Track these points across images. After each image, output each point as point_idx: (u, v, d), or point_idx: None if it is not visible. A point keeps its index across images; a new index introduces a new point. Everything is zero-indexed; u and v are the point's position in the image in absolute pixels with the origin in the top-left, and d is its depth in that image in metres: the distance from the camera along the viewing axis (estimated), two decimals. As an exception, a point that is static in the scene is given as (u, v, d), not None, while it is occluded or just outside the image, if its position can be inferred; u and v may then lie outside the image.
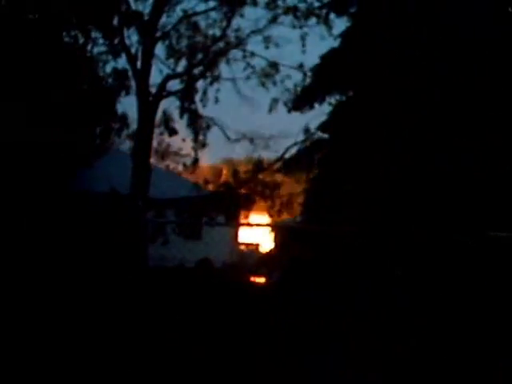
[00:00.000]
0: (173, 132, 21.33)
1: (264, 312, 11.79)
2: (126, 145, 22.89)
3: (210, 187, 23.29)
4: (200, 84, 21.27)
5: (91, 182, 20.60)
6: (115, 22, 19.70)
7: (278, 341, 9.00)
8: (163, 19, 20.43)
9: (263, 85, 21.14)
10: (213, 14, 21.02)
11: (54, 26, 17.63)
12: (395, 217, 16.13)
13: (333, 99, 20.25)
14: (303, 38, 20.26)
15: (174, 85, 21.21)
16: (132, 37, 20.06)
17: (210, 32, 21.13)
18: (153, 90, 20.45)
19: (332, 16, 20.08)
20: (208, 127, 21.69)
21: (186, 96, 20.95)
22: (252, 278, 20.47)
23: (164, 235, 20.64)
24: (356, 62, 18.14)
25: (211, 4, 20.91)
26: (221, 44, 21.05)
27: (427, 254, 14.77)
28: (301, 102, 20.25)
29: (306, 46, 20.37)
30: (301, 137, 20.93)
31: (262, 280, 20.18)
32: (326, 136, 20.72)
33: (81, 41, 18.61)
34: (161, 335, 9.30)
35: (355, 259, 16.25)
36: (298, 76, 20.95)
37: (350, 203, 17.45)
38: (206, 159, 25.99)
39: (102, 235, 18.40)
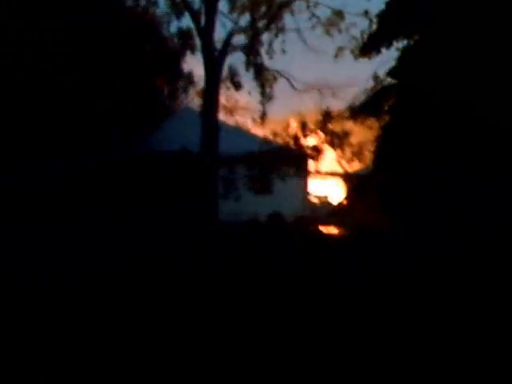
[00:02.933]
0: (238, 86, 21.27)
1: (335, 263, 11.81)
2: (195, 103, 23.01)
3: (280, 140, 23.20)
4: (265, 37, 21.10)
5: (163, 141, 20.86)
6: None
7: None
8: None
9: (328, 34, 20.78)
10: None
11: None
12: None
13: (400, 44, 19.75)
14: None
15: (239, 40, 21.12)
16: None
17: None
18: (218, 46, 20.40)
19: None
20: (274, 79, 21.55)
21: (251, 50, 20.80)
22: (324, 230, 20.50)
23: (236, 191, 20.80)
24: (422, 5, 17.66)
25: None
26: (285, -5, 20.71)
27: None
28: (367, 47, 19.81)
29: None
30: (369, 84, 20.58)
31: (334, 231, 20.19)
32: (394, 82, 20.30)
33: (143, 3, 18.68)
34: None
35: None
36: (363, 23, 20.54)
37: (423, 150, 17.18)
38: (275, 112, 25.92)
39: (175, 193, 18.75)
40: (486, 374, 5.96)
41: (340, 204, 23.01)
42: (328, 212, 23.43)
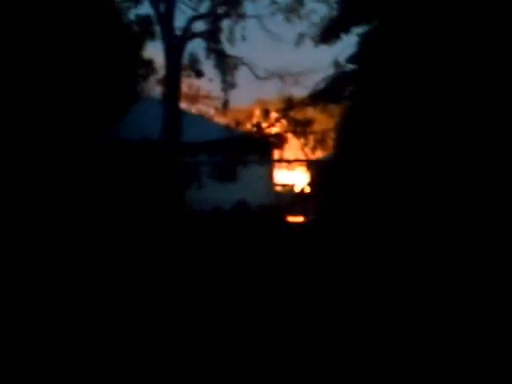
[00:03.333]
0: (200, 74, 21.21)
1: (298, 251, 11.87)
2: (157, 91, 22.88)
3: (242, 128, 23.21)
4: (225, 24, 21.05)
5: (124, 130, 20.68)
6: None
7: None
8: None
9: (289, 20, 20.78)
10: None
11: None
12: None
13: (360, 30, 19.79)
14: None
15: (200, 26, 21.03)
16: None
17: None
18: (178, 33, 20.28)
19: None
20: (236, 67, 21.50)
21: (212, 36, 20.74)
22: (288, 218, 20.55)
23: (199, 179, 20.75)
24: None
25: None
26: (245, -19, 20.67)
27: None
28: (327, 34, 19.82)
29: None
30: (331, 71, 20.62)
31: (298, 219, 20.25)
32: (355, 67, 20.37)
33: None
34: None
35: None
36: (324, 10, 20.58)
37: (383, 136, 17.23)
38: (237, 101, 25.88)
39: (138, 182, 18.61)
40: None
41: (302, 191, 23.09)
42: (292, 200, 23.48)
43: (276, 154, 24.25)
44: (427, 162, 15.81)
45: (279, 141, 23.07)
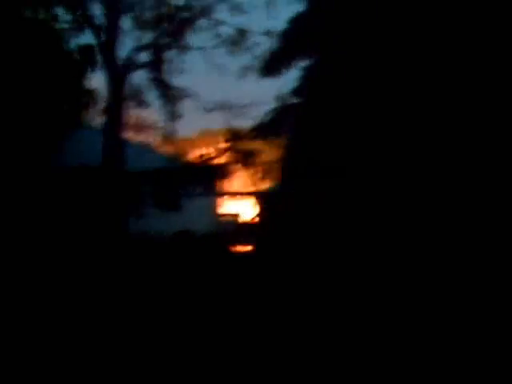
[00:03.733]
0: (143, 104, 21.21)
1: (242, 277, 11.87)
2: (98, 120, 22.75)
3: (188, 159, 23.22)
4: (170, 54, 21.10)
5: (65, 157, 20.50)
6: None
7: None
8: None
9: (232, 53, 20.95)
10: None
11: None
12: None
13: (302, 64, 20.09)
14: (270, 2, 20.06)
15: (143, 57, 21.04)
16: (96, 10, 19.84)
17: (175, 2, 20.85)
18: (121, 63, 20.25)
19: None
20: (180, 98, 21.53)
21: (156, 67, 20.77)
22: (232, 247, 20.54)
23: (142, 207, 20.62)
24: (322, 25, 18.01)
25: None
26: (186, 13, 20.75)
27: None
28: (269, 67, 20.06)
29: (274, 11, 20.16)
30: (275, 103, 20.83)
31: (242, 248, 20.25)
32: (298, 101, 20.63)
33: (42, 16, 18.34)
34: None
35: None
36: (267, 43, 20.78)
37: (322, 169, 17.41)
38: (183, 131, 25.93)
39: (77, 209, 18.42)
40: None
41: (247, 221, 23.17)
42: (235, 230, 23.51)
43: (221, 184, 24.28)
44: (362, 191, 16.02)
45: (224, 171, 23.12)
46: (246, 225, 24.29)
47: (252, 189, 24.41)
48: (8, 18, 17.19)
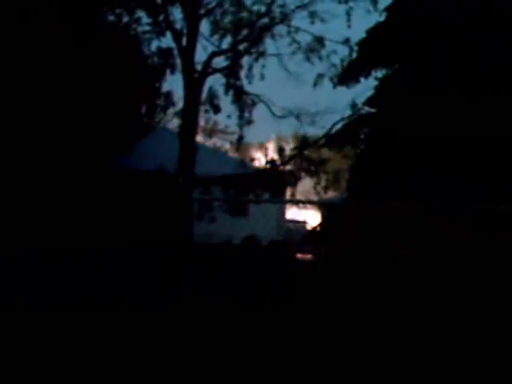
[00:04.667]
0: (217, 109, 21.33)
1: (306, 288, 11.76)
2: (174, 123, 23.05)
3: (257, 164, 23.28)
4: (245, 60, 21.22)
5: (139, 160, 20.81)
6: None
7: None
8: (207, -5, 20.40)
9: (309, 60, 20.95)
10: (258, -11, 20.87)
11: (98, 4, 17.74)
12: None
13: (379, 73, 19.95)
14: (349, 12, 19.99)
15: (220, 62, 21.21)
16: (176, 14, 20.11)
17: (255, 8, 20.97)
18: (198, 67, 20.47)
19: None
20: (254, 104, 21.62)
21: (232, 73, 20.90)
22: (298, 255, 20.48)
23: (211, 212, 20.75)
24: (401, 36, 17.86)
25: (257, -21, 20.74)
26: (266, 20, 20.86)
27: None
28: (346, 76, 19.97)
29: (352, 20, 20.09)
30: (347, 112, 20.74)
31: (307, 256, 20.17)
32: (372, 111, 20.48)
33: (125, 19, 18.69)
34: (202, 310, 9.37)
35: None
36: (344, 51, 20.73)
37: (395, 180, 17.24)
38: (254, 136, 26.03)
39: (149, 212, 18.65)
40: None
41: (314, 230, 23.04)
42: (303, 237, 23.43)
43: (289, 191, 24.27)
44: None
45: (292, 179, 23.10)
46: (312, 232, 24.23)
47: (318, 197, 24.35)
48: (91, 22, 17.55)
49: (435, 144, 16.50)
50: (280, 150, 22.67)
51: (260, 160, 23.11)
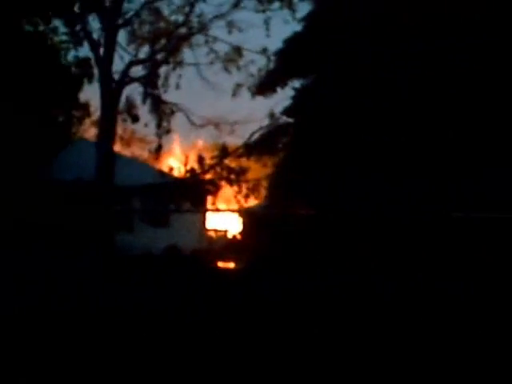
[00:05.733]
0: (135, 118, 21.20)
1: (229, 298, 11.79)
2: (91, 132, 22.74)
3: (176, 174, 23.19)
4: (163, 70, 21.17)
5: (59, 170, 20.44)
6: (76, 8, 19.54)
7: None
8: (125, 5, 20.27)
9: (227, 70, 21.09)
10: (175, 0, 20.91)
11: (14, 13, 17.37)
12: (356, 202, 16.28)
13: (296, 83, 20.27)
14: (267, 22, 20.21)
15: (137, 71, 21.08)
16: (94, 24, 19.90)
17: (173, 18, 21.01)
18: (116, 76, 20.29)
19: (295, -1, 20.09)
20: (172, 113, 21.58)
21: (149, 82, 20.81)
22: (220, 264, 20.52)
23: (130, 223, 20.58)
24: (318, 46, 18.22)
25: (173, -11, 20.74)
26: (183, 29, 20.90)
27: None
28: (264, 86, 20.23)
29: (270, 30, 20.29)
30: (266, 122, 20.95)
31: (229, 265, 20.24)
32: (290, 120, 20.78)
33: (41, 28, 18.35)
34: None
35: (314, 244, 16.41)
36: (262, 61, 20.92)
37: (312, 188, 17.55)
38: (174, 146, 25.95)
39: (69, 222, 18.33)
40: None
41: (234, 238, 23.19)
42: (224, 246, 23.50)
43: (209, 200, 24.29)
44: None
45: (213, 188, 23.14)
46: (232, 241, 24.32)
47: (238, 206, 24.46)
48: (6, 30, 17.17)
49: (352, 148, 16.93)
50: (200, 159, 22.65)
51: (180, 169, 22.99)
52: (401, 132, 16.14)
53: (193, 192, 22.43)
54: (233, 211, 24.45)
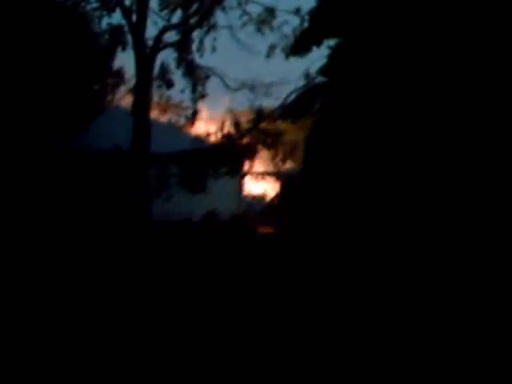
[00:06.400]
0: (170, 84, 21.07)
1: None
2: (127, 101, 22.69)
3: (213, 139, 23.10)
4: (197, 34, 20.96)
5: (93, 139, 20.52)
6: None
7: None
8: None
9: (260, 31, 20.78)
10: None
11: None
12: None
13: (331, 42, 19.90)
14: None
15: (171, 37, 20.89)
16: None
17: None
18: (150, 43, 20.14)
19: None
20: (207, 77, 21.42)
21: (183, 47, 20.64)
22: (259, 229, 20.53)
23: (168, 189, 20.59)
24: (353, 3, 17.84)
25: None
26: (216, -8, 20.59)
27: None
28: (298, 46, 19.86)
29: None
30: (302, 82, 20.68)
31: (268, 230, 20.23)
32: (326, 80, 20.44)
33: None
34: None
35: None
36: (295, 21, 20.62)
37: (351, 149, 17.31)
38: (208, 111, 25.84)
39: (105, 191, 18.47)
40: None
41: (272, 202, 23.14)
42: (262, 210, 23.50)
43: (246, 165, 24.22)
44: (391, 175, 15.92)
45: (249, 152, 23.02)
46: (270, 205, 24.29)
47: (275, 169, 24.37)
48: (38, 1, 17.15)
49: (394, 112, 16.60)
50: (236, 124, 22.50)
51: (216, 134, 22.89)
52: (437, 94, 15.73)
53: (230, 157, 22.34)
54: (270, 174, 24.38)
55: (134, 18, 19.54)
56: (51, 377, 6.02)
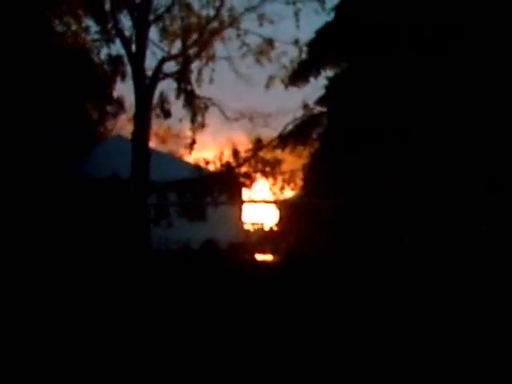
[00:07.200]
0: (168, 114, 21.31)
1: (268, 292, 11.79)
2: (127, 130, 22.88)
3: (212, 168, 23.26)
4: (196, 65, 21.24)
5: (92, 167, 20.65)
6: (107, 7, 19.69)
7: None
8: (156, 1, 20.34)
9: (259, 62, 21.03)
10: (206, -6, 20.89)
11: (45, 13, 17.59)
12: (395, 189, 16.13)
13: (329, 73, 20.21)
14: (297, 13, 20.03)
15: (170, 67, 21.14)
16: (125, 22, 20.00)
17: (204, 12, 20.99)
18: (149, 73, 20.36)
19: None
20: (206, 107, 21.64)
21: (182, 77, 20.88)
22: (257, 257, 20.54)
23: (168, 218, 20.68)
24: (349, 34, 18.16)
25: (204, -16, 20.76)
26: (215, 24, 20.86)
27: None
28: (297, 76, 20.20)
29: (301, 21, 20.13)
30: (300, 112, 20.92)
31: (267, 258, 20.25)
32: (323, 110, 20.71)
33: (73, 28, 18.55)
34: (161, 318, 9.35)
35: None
36: (294, 52, 20.83)
37: (350, 176, 17.48)
38: (207, 140, 26.02)
39: (104, 220, 18.51)
40: None
41: (272, 230, 23.18)
42: (261, 238, 23.50)
43: (245, 193, 24.34)
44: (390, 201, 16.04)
45: (248, 180, 23.18)
46: (269, 233, 24.33)
47: (274, 197, 24.45)
48: (38, 31, 17.38)
49: (390, 138, 16.81)
50: (235, 153, 22.69)
51: (215, 163, 23.05)
52: (432, 121, 15.97)
53: (229, 185, 22.49)
54: (269, 202, 24.46)
55: (134, 48, 19.80)
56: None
